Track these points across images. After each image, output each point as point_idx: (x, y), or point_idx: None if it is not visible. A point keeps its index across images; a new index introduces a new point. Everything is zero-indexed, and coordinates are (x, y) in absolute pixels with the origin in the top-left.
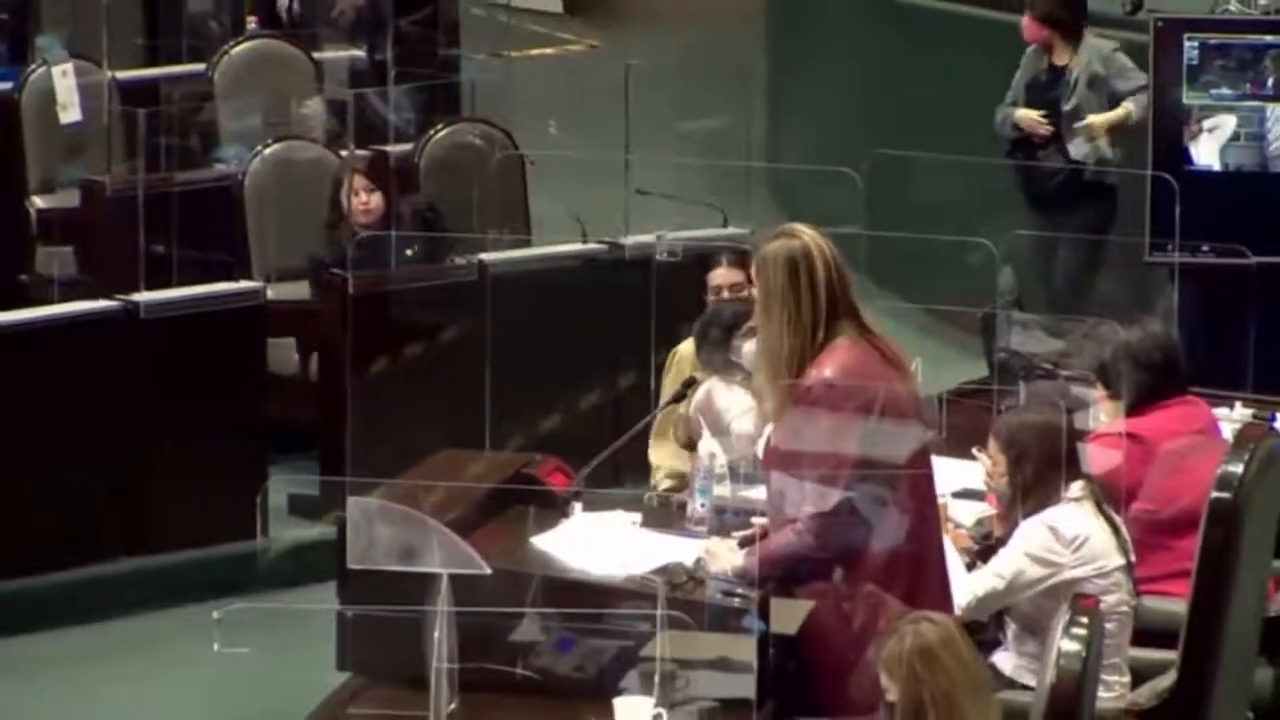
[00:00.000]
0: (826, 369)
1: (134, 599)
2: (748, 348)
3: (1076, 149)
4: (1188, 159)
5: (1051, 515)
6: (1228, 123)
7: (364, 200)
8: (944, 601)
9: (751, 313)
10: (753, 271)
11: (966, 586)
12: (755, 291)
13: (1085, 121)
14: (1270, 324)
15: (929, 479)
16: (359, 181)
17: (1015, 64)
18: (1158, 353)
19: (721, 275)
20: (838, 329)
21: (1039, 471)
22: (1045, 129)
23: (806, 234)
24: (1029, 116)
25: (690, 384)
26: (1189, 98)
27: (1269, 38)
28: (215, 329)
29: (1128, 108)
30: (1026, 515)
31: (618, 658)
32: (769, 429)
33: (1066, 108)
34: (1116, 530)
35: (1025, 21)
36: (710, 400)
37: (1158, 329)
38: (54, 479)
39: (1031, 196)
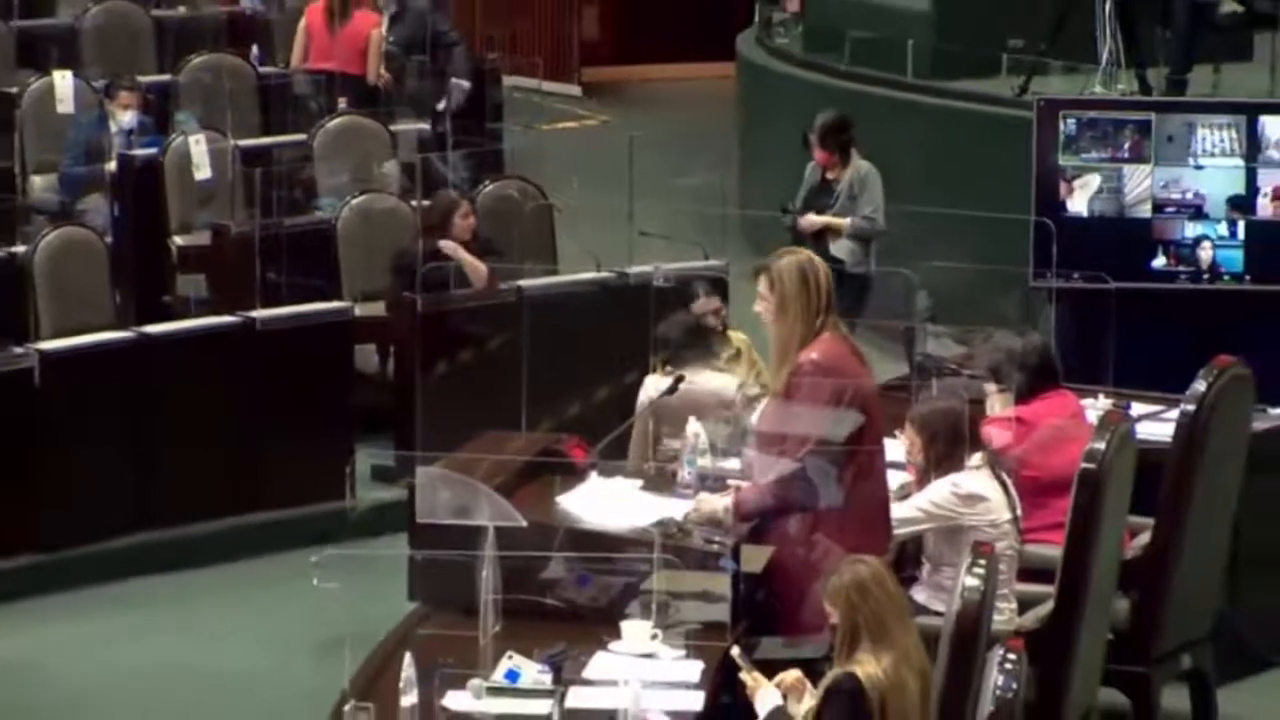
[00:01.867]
0: (814, 353)
1: (250, 546)
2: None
3: (837, 249)
4: (1063, 208)
5: (956, 477)
6: (1094, 179)
7: (469, 220)
8: (885, 546)
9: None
10: (761, 281)
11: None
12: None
13: (806, 219)
14: (1125, 334)
15: (881, 453)
16: (466, 206)
17: (925, 130)
18: (1037, 356)
19: (703, 304)
20: (827, 323)
21: (947, 448)
22: (815, 228)
23: (804, 252)
24: (811, 221)
25: (680, 379)
26: (1064, 160)
27: (1125, 114)
28: (314, 338)
29: (844, 221)
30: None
31: (623, 591)
32: (763, 405)
33: (831, 214)
34: (1007, 491)
35: (815, 148)
36: (704, 383)
37: (1038, 338)
38: (188, 453)
39: None
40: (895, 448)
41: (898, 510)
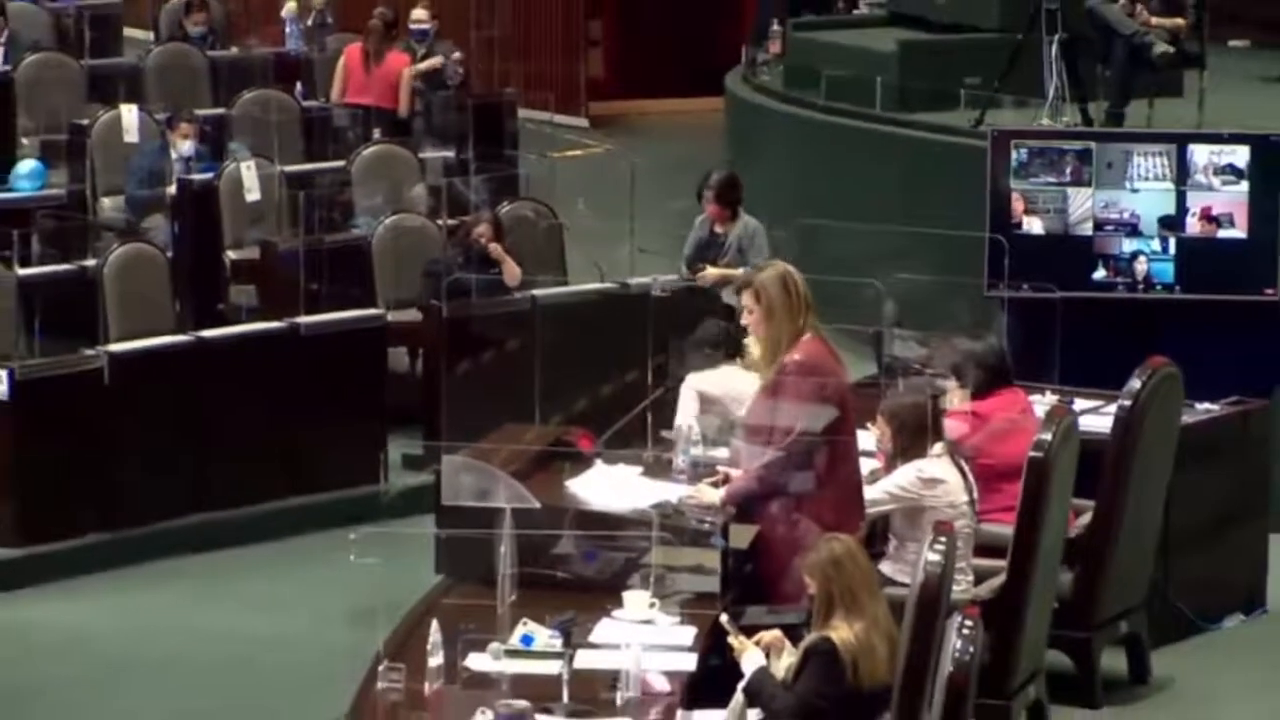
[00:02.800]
0: (797, 354)
1: (294, 526)
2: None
3: (727, 296)
4: (1015, 226)
5: (919, 463)
6: (1044, 199)
7: (486, 234)
8: (859, 525)
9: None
10: (746, 296)
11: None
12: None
13: (704, 271)
14: (1069, 338)
15: (854, 442)
16: (485, 228)
17: (892, 158)
18: (991, 357)
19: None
20: (807, 325)
21: (912, 438)
22: (712, 281)
23: (782, 264)
24: (709, 275)
25: None
26: (1015, 184)
27: (1069, 144)
28: (351, 341)
29: (738, 271)
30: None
31: (625, 565)
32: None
33: (721, 264)
34: (964, 476)
35: (709, 203)
36: (731, 381)
37: (992, 341)
38: (239, 443)
39: None
40: (866, 438)
41: (868, 493)
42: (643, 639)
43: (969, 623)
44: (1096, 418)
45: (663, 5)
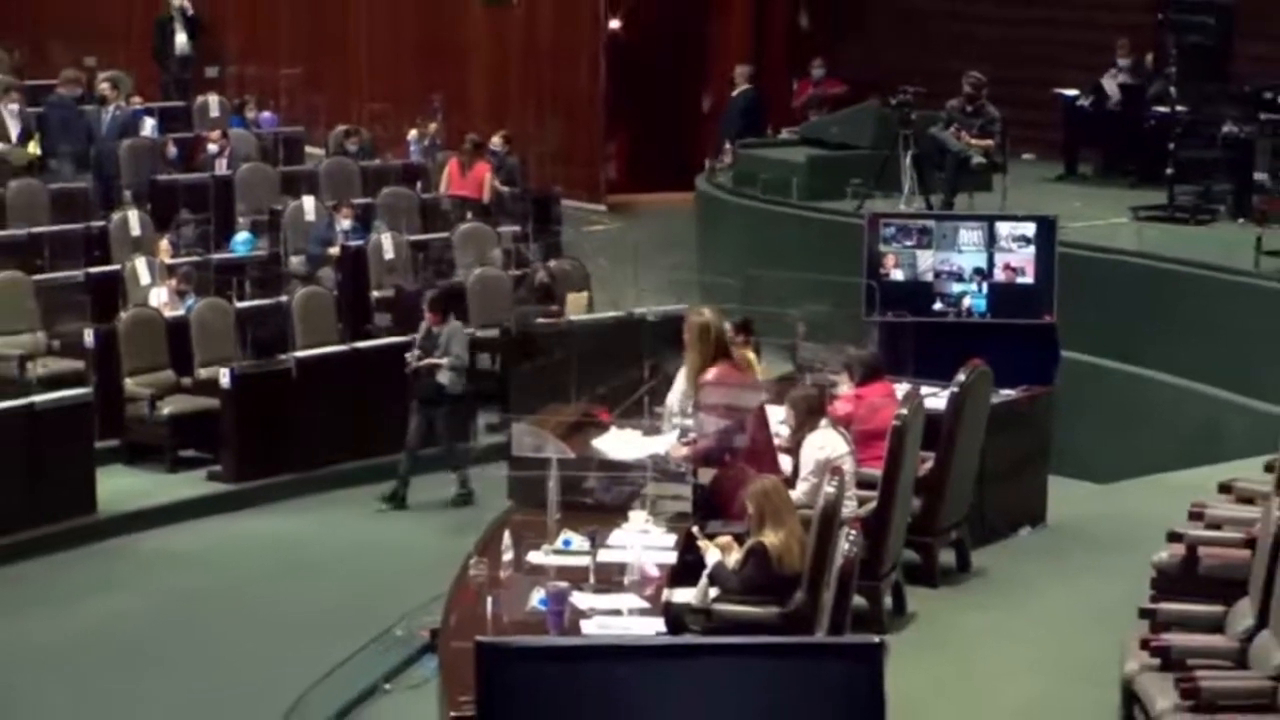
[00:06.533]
0: (710, 373)
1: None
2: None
3: (442, 377)
4: (884, 275)
5: (813, 437)
6: (902, 258)
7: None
8: (777, 471)
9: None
10: (685, 329)
11: (799, 489)
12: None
13: (423, 363)
14: (918, 347)
15: (766, 421)
16: (542, 274)
17: (804, 231)
18: (869, 359)
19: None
20: (719, 357)
21: (807, 416)
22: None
23: (708, 312)
24: (418, 363)
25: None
26: (883, 248)
27: (917, 222)
28: None
29: (444, 360)
30: (803, 438)
31: (630, 494)
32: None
33: (436, 356)
34: (845, 439)
35: (427, 311)
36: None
37: (871, 349)
38: (382, 415)
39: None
40: (777, 414)
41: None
42: (642, 543)
43: (853, 533)
44: (936, 399)
45: (655, 131)
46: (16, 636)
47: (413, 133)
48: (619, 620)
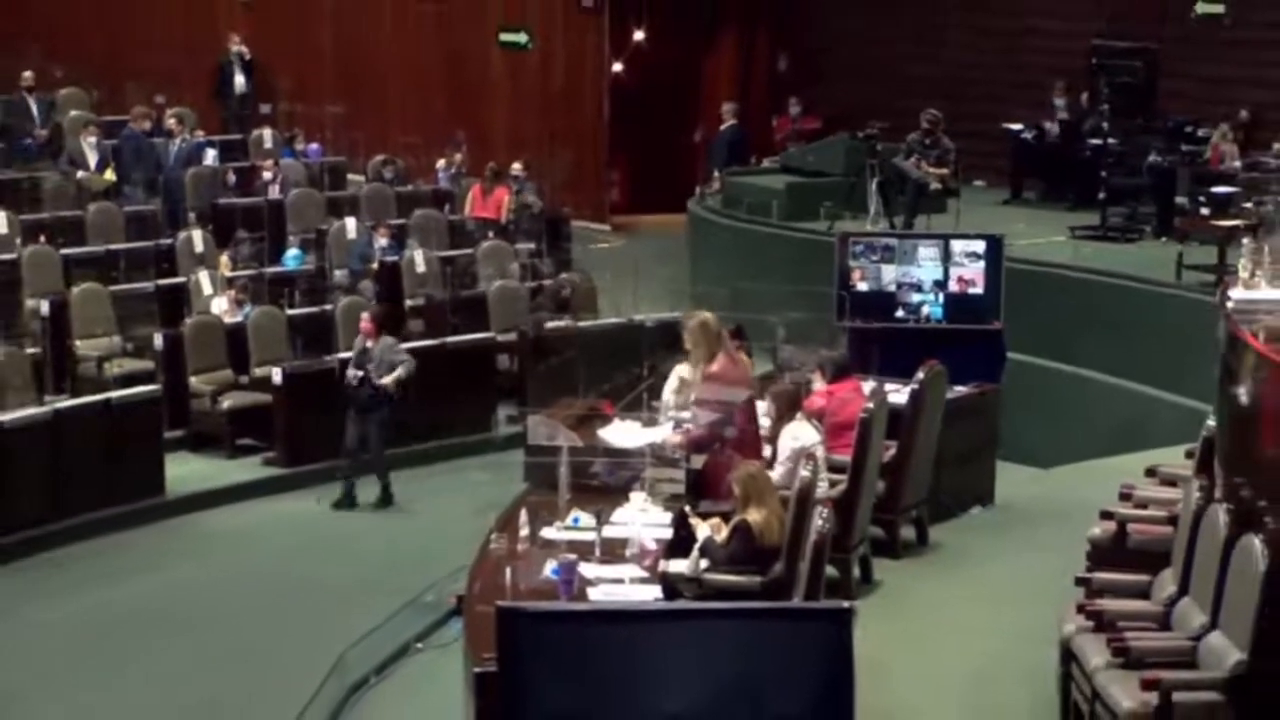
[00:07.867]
0: (712, 367)
1: (445, 456)
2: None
3: (388, 381)
4: (852, 286)
5: (789, 428)
6: (868, 271)
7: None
8: (761, 458)
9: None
10: (684, 330)
11: (777, 472)
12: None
13: (383, 381)
14: (883, 350)
15: (754, 413)
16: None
17: (784, 250)
18: (841, 359)
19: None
20: (717, 350)
21: (788, 409)
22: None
23: (705, 313)
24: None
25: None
26: (852, 263)
27: (882, 240)
28: (477, 351)
29: (398, 373)
30: (782, 428)
31: (631, 477)
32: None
33: (370, 369)
34: (818, 430)
35: (364, 323)
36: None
37: (841, 350)
38: (415, 407)
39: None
40: (764, 406)
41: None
42: (641, 520)
43: (826, 512)
44: (898, 395)
45: (653, 161)
46: (96, 602)
47: (441, 162)
48: (621, 588)
